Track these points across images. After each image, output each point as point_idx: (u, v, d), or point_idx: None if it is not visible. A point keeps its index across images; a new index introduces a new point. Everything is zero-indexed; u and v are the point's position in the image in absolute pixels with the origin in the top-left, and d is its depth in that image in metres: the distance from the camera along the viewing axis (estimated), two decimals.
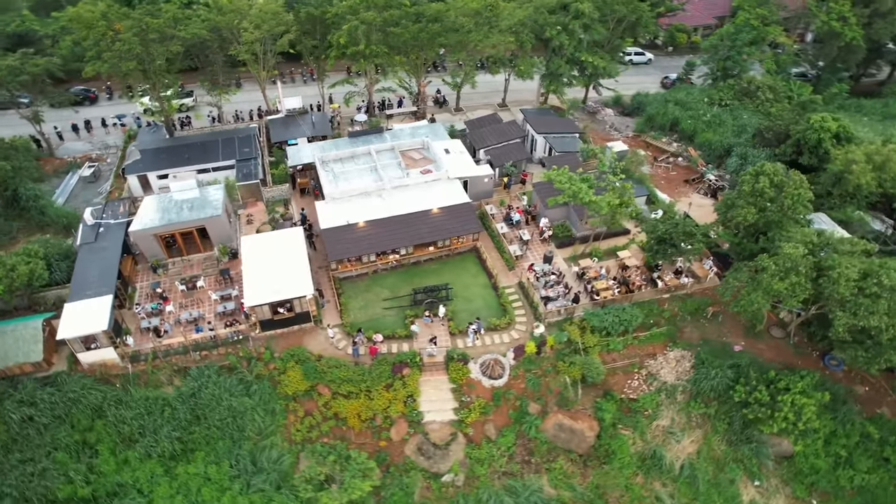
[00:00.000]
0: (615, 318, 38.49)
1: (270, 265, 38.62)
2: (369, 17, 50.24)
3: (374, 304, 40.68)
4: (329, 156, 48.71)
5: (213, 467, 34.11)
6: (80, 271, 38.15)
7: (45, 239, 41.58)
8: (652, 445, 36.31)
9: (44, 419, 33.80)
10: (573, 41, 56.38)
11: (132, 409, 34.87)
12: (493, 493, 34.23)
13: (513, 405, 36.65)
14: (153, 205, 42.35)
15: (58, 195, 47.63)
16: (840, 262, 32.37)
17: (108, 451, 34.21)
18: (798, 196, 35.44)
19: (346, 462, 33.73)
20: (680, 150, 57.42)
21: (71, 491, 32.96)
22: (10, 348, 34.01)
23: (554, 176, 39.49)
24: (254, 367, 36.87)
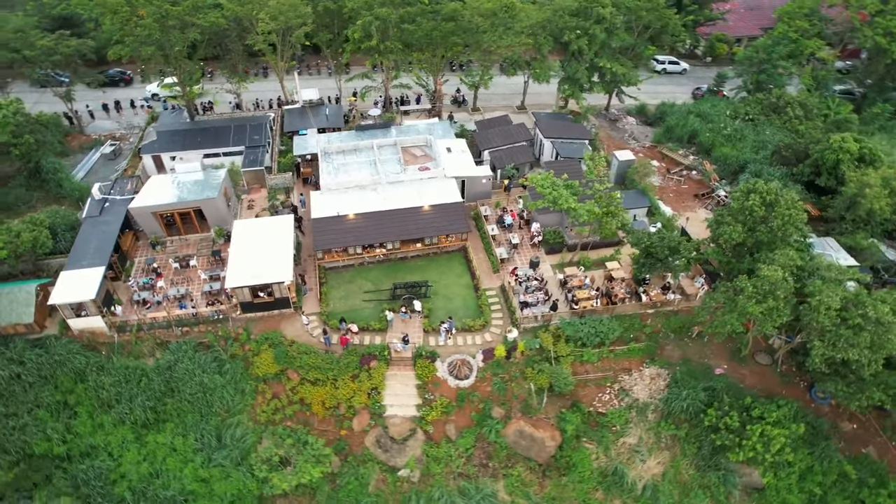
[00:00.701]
0: (591, 329, 37.77)
1: (256, 249, 39.75)
2: (384, 13, 50.88)
3: (355, 296, 41.27)
4: (332, 147, 49.62)
5: (179, 439, 35.47)
6: (80, 242, 40.27)
7: (54, 210, 44.06)
8: (615, 462, 35.48)
9: (30, 378, 35.92)
10: (594, 46, 55.48)
11: (112, 376, 36.61)
12: (446, 493, 34.28)
13: (476, 407, 36.53)
14: (155, 184, 44.25)
15: (78, 170, 50.34)
16: (822, 289, 30.81)
17: (86, 414, 36.06)
18: (789, 217, 33.83)
19: (303, 447, 34.45)
20: (695, 163, 55.61)
21: (47, 448, 34.96)
22: (4, 309, 36.32)
23: (535, 180, 39.05)
24: (230, 346, 38.07)
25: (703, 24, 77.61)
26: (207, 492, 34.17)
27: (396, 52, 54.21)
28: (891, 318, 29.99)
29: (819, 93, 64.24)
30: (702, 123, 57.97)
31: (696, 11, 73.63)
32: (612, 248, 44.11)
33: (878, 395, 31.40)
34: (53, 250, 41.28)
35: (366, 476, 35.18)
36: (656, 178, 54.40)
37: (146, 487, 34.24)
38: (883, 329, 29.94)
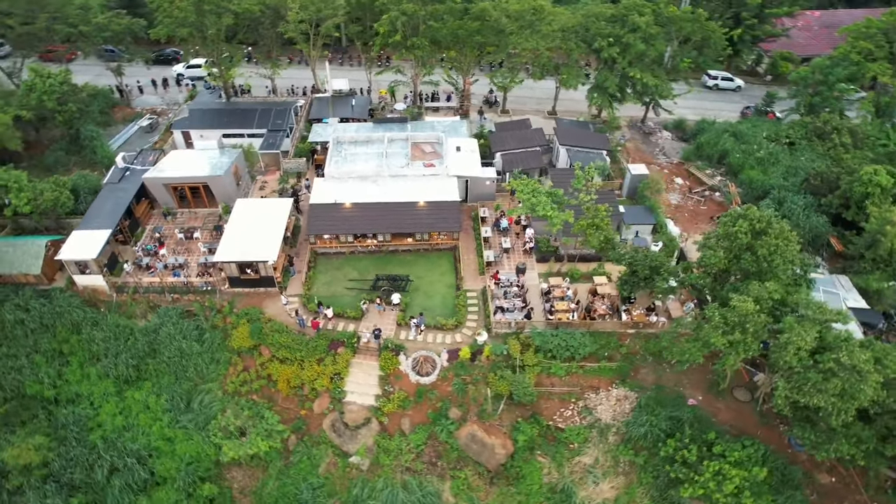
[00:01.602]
0: (562, 342, 36.96)
1: (250, 228, 41.48)
2: (410, 9, 51.53)
3: (340, 283, 42.23)
4: (345, 137, 50.82)
5: (153, 398, 37.69)
6: (96, 206, 43.41)
7: (82, 173, 47.57)
8: (566, 480, 34.62)
9: (32, 324, 39.20)
10: (628, 56, 53.88)
11: (104, 331, 39.36)
12: (391, 485, 34.62)
13: (434, 405, 36.62)
14: (173, 158, 46.96)
15: (115, 140, 54.10)
16: (793, 327, 28.79)
17: (76, 364, 38.99)
18: (776, 247, 31.73)
19: (259, 420, 35.74)
20: (720, 184, 52.95)
21: (38, 390, 38.08)
22: (17, 259, 39.76)
23: (515, 184, 38.49)
24: (213, 317, 39.98)
25: (764, 39, 73.39)
26: (170, 450, 36.12)
27: (423, 48, 54.71)
28: (868, 367, 27.66)
29: (880, 121, 59.41)
30: (735, 143, 55.03)
31: (756, 26, 69.79)
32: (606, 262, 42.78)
33: (847, 447, 29.05)
34: (74, 211, 44.56)
35: (318, 457, 36.09)
36: (675, 197, 52.33)
37: (117, 438, 36.61)
38: (857, 378, 27.65)
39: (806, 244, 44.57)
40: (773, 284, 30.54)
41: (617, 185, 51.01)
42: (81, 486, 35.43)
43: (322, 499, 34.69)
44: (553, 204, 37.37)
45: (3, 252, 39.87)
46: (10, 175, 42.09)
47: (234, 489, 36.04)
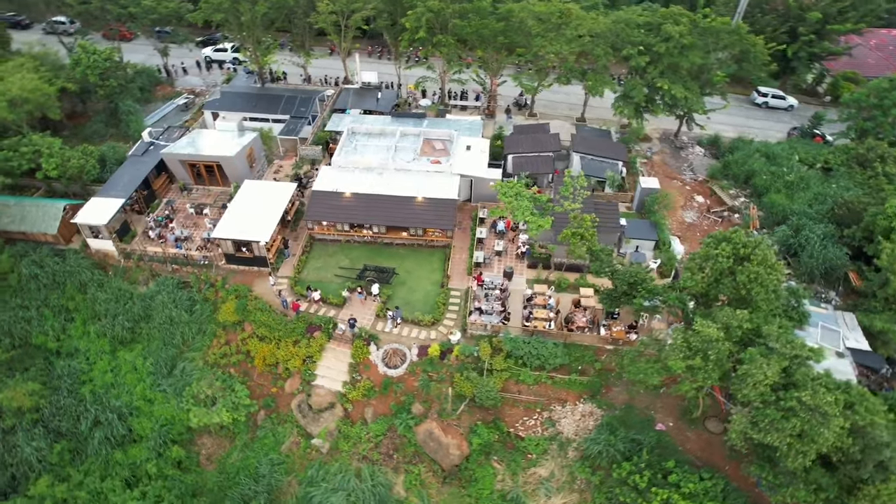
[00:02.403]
0: (533, 350, 36.39)
1: (250, 208, 43.10)
2: (435, 6, 51.86)
3: (330, 269, 43.18)
4: (360, 128, 51.78)
5: (140, 360, 39.93)
6: (117, 176, 46.28)
7: (112, 145, 50.71)
8: (518, 489, 34.14)
9: (45, 280, 42.30)
10: (660, 66, 52.18)
11: (106, 293, 41.97)
12: (345, 470, 35.23)
13: (398, 398, 36.93)
14: (193, 136, 49.34)
15: (151, 116, 57.28)
16: (755, 359, 27.25)
17: (80, 321, 41.79)
18: (756, 275, 30.02)
19: (230, 392, 37.15)
20: (742, 206, 50.41)
21: (43, 341, 41.10)
22: (37, 219, 42.99)
23: (499, 186, 38.06)
24: (206, 290, 41.84)
25: (824, 57, 69.08)
26: (148, 411, 38.21)
27: (449, 46, 54.94)
28: (832, 410, 25.86)
29: None
30: (764, 165, 52.21)
31: (815, 43, 65.83)
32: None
33: (805, 494, 27.23)
34: (99, 179, 47.62)
35: (282, 435, 37.19)
36: (690, 215, 50.29)
37: (104, 394, 39.04)
38: (818, 420, 25.91)
39: (819, 277, 41.98)
40: (744, 313, 28.94)
41: (629, 198, 49.56)
42: (66, 434, 38.03)
43: (279, 475, 35.71)
44: (535, 210, 36.72)
45: (26, 211, 43.20)
46: (44, 141, 45.44)
47: (202, 455, 37.68)
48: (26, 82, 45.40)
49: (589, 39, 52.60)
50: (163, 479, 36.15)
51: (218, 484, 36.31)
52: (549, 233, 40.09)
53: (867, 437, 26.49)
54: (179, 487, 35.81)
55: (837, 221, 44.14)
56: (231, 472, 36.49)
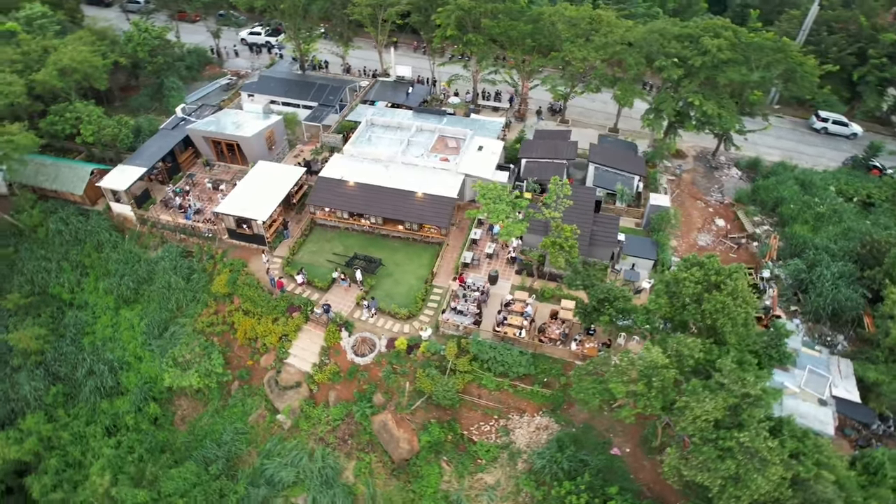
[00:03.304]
0: (498, 355, 35.97)
1: (257, 188, 44.92)
2: (465, 4, 51.91)
3: (325, 254, 44.32)
4: (378, 120, 52.68)
5: (137, 319, 42.63)
6: (145, 147, 49.43)
7: (149, 117, 54.15)
8: (462, 493, 33.93)
9: (67, 236, 45.90)
10: (695, 80, 49.97)
11: (119, 254, 45.07)
12: (300, 448, 36.26)
13: (360, 386, 37.53)
14: (220, 115, 51.87)
15: (194, 94, 60.59)
16: (697, 391, 25.84)
17: (93, 277, 45.11)
18: (723, 306, 28.32)
19: (206, 359, 38.99)
20: (763, 234, 47.45)
21: (58, 291, 44.68)
22: (66, 179, 46.67)
23: (480, 188, 37.66)
24: (206, 261, 44.05)
25: None
26: (136, 367, 40.82)
27: (479, 45, 54.84)
28: (771, 457, 24.17)
29: None
30: (797, 193, 48.84)
31: (887, 66, 60.76)
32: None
33: None
34: (133, 147, 50.95)
35: (251, 406, 38.69)
36: (705, 238, 47.89)
37: (101, 347, 42.03)
38: (755, 466, 24.29)
39: (825, 318, 38.98)
40: (696, 341, 27.43)
41: (640, 214, 47.81)
42: (63, 379, 41.26)
43: (240, 444, 37.23)
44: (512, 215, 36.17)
45: (59, 171, 47.02)
46: (86, 109, 49.18)
47: (177, 415, 39.82)
48: (76, 54, 49.24)
49: (621, 47, 51.01)
50: (137, 431, 38.55)
51: (185, 444, 38.28)
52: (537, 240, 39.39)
53: (809, 492, 24.54)
54: (150, 442, 38.07)
55: (859, 261, 40.78)
56: (199, 434, 38.35)
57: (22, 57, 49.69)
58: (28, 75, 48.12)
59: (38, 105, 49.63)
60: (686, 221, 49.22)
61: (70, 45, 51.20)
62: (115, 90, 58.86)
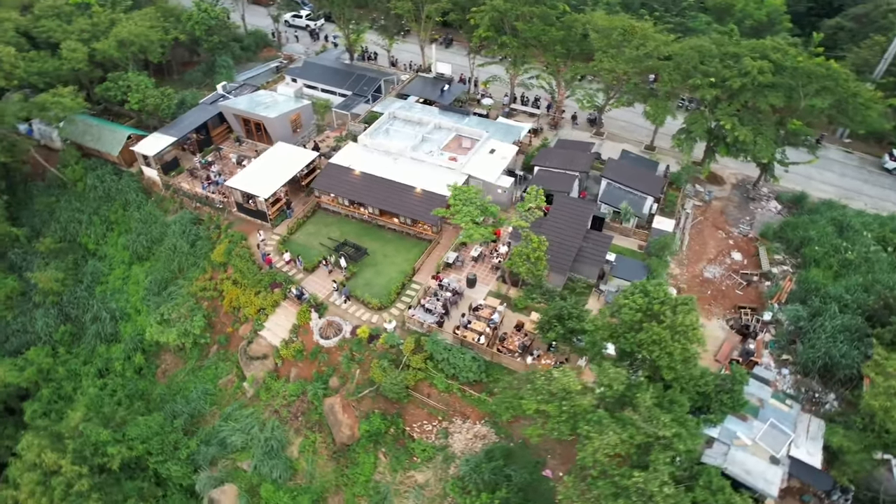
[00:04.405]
0: (450, 358, 35.86)
1: (268, 167, 47.16)
2: (500, 5, 51.65)
3: (320, 237, 45.83)
4: (400, 114, 53.57)
5: (143, 276, 46.12)
6: (181, 118, 53.15)
7: (195, 91, 58.01)
8: (391, 486, 34.26)
9: (101, 192, 50.32)
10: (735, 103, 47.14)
11: (140, 214, 48.90)
12: (253, 417, 37.95)
13: (320, 367, 38.63)
14: (252, 95, 54.72)
15: (243, 74, 64.13)
16: (602, 422, 24.73)
17: (116, 232, 49.27)
18: (658, 338, 26.78)
19: (188, 321, 41.56)
20: (778, 274, 43.97)
21: (85, 241, 49.20)
22: (106, 140, 51.03)
23: (454, 189, 37.37)
24: (212, 230, 46.84)
25: None
26: (134, 319, 44.28)
27: (513, 47, 54.42)
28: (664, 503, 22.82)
29: None
30: (828, 234, 44.73)
31: None
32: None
33: None
34: (174, 117, 54.84)
35: (223, 371, 40.94)
36: (713, 270, 45.03)
37: (109, 296, 45.90)
38: None
39: (815, 372, 35.67)
40: (621, 372, 26.14)
41: (645, 236, 45.73)
42: (73, 320, 45.45)
43: (205, 404, 39.54)
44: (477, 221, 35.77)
45: (101, 132, 51.57)
46: (136, 78, 53.51)
47: (160, 369, 42.82)
48: (134, 27, 53.65)
49: (655, 61, 48.84)
50: (122, 378, 41.89)
51: (160, 396, 41.12)
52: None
53: None
54: (131, 389, 41.29)
55: (872, 316, 36.90)
56: (174, 389, 41.07)
57: (91, 28, 54.72)
58: (91, 44, 52.91)
59: (98, 72, 54.50)
60: (699, 250, 46.54)
61: (134, 19, 55.75)
62: (175, 64, 63.48)
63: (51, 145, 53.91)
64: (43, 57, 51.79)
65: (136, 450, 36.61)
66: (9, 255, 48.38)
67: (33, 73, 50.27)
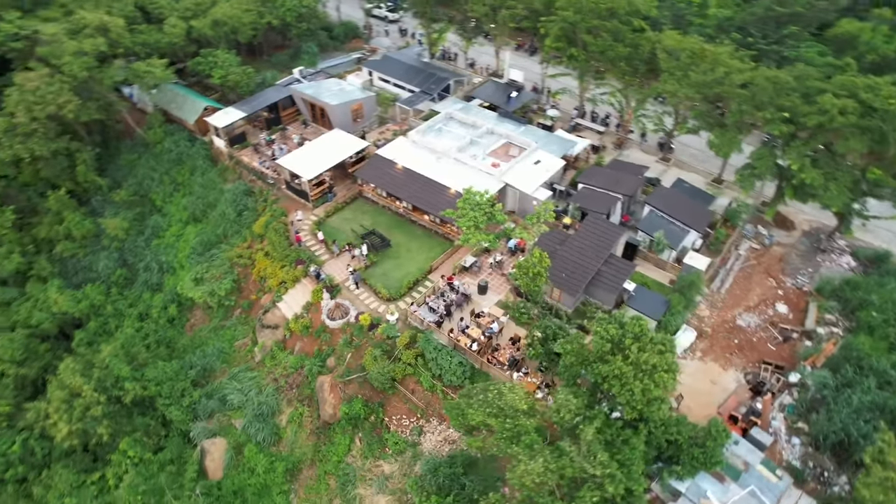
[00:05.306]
0: (439, 359, 36.06)
1: (319, 151, 49.58)
2: (570, 17, 50.80)
3: (353, 223, 47.46)
4: (457, 115, 54.16)
5: (193, 236, 50.12)
6: (255, 96, 57.03)
7: (275, 73, 61.92)
8: (359, 471, 35.10)
9: (174, 156, 55.22)
10: (811, 143, 43.60)
11: (203, 179, 53.17)
12: (255, 381, 40.28)
13: (321, 346, 40.21)
14: (321, 82, 57.59)
15: (328, 61, 67.43)
16: (533, 448, 24.04)
17: (181, 194, 53.89)
18: (620, 374, 25.48)
19: (217, 282, 44.71)
20: (823, 335, 39.88)
21: (155, 198, 54.28)
22: (186, 108, 55.94)
23: (466, 192, 37.10)
24: (259, 203, 50.01)
25: None
26: (177, 273, 48.30)
27: (581, 61, 53.36)
28: None
29: None
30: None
31: None
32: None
33: None
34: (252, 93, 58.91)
35: (240, 334, 43.77)
36: (748, 319, 41.70)
37: (163, 249, 50.38)
38: None
39: (826, 448, 32.11)
40: (578, 402, 25.20)
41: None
42: (128, 266, 50.39)
43: (217, 361, 42.49)
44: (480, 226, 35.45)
45: (182, 100, 56.54)
46: (223, 56, 58.01)
47: (189, 322, 46.43)
48: (228, 9, 58.25)
49: (727, 88, 45.85)
50: (156, 324, 45.84)
51: (184, 346, 44.64)
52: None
53: None
54: (161, 335, 45.20)
55: None
56: (196, 343, 44.43)
57: (194, 7, 60.09)
58: (190, 22, 58.11)
59: (192, 47, 59.75)
60: (739, 295, 43.32)
61: (231, 2, 60.47)
62: (267, 46, 68.02)
63: (145, 109, 59.85)
64: (149, 30, 57.55)
65: (150, 390, 40.06)
66: (91, 201, 54.40)
67: (138, 43, 56.00)
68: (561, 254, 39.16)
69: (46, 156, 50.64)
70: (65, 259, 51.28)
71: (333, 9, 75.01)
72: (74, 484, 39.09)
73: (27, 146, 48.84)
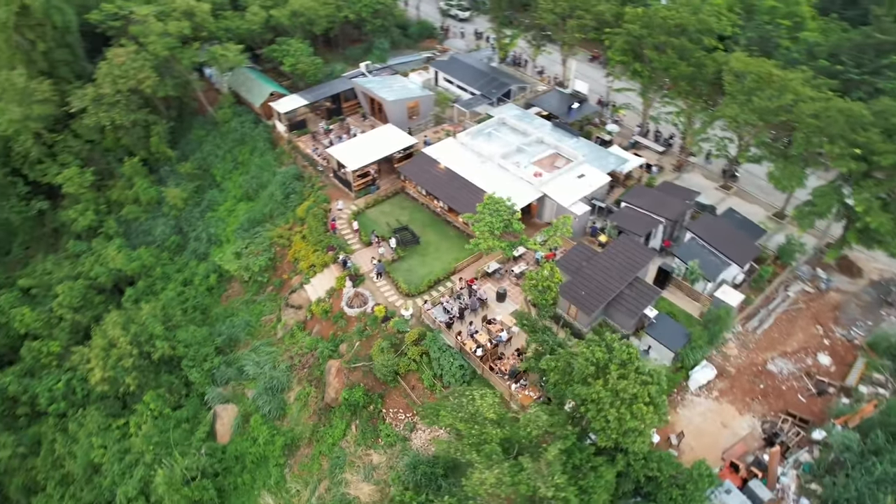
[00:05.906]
0: (442, 358, 36.16)
1: (369, 144, 50.96)
2: (635, 31, 49.35)
3: (389, 217, 48.40)
4: (509, 121, 53.91)
5: (243, 213, 52.84)
6: (319, 86, 59.37)
7: (344, 65, 64.07)
8: (348, 460, 35.82)
9: (238, 136, 58.40)
10: (884, 185, 40.40)
11: (261, 161, 55.91)
12: (272, 357, 42.00)
13: (337, 331, 41.31)
14: (383, 77, 59.03)
15: (398, 58, 68.93)
16: (491, 458, 23.69)
17: (240, 172, 56.94)
18: (597, 398, 24.56)
19: (253, 258, 46.96)
20: (866, 394, 36.54)
21: (216, 173, 57.70)
22: (254, 92, 58.98)
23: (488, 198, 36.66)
24: (306, 187, 52.05)
25: None
26: (222, 246, 51.09)
27: (644, 76, 51.71)
28: None
29: None
30: None
31: None
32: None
33: None
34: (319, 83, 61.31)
35: (268, 309, 45.79)
36: (782, 364, 38.90)
37: (214, 222, 53.44)
38: None
39: None
40: (541, 417, 24.58)
41: None
42: (182, 234, 53.88)
43: (243, 332, 44.73)
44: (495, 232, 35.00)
45: (252, 84, 59.70)
46: (296, 45, 60.71)
47: (226, 293, 49.05)
48: (305, 1, 60.95)
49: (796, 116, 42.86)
50: (196, 291, 48.80)
51: (217, 315, 47.26)
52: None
53: None
54: (198, 302, 48.13)
55: None
56: (228, 313, 46.88)
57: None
58: (270, 11, 61.32)
59: (269, 35, 62.99)
60: (777, 339, 40.56)
61: None
62: (342, 39, 70.49)
63: (220, 89, 63.73)
64: (232, 16, 61.25)
65: (178, 350, 42.77)
66: (160, 170, 58.63)
67: (221, 28, 59.74)
68: (585, 271, 38.14)
69: (126, 125, 55.08)
70: (129, 221, 55.59)
71: (414, 7, 76.52)
72: (102, 426, 42.36)
73: (110, 115, 53.38)
